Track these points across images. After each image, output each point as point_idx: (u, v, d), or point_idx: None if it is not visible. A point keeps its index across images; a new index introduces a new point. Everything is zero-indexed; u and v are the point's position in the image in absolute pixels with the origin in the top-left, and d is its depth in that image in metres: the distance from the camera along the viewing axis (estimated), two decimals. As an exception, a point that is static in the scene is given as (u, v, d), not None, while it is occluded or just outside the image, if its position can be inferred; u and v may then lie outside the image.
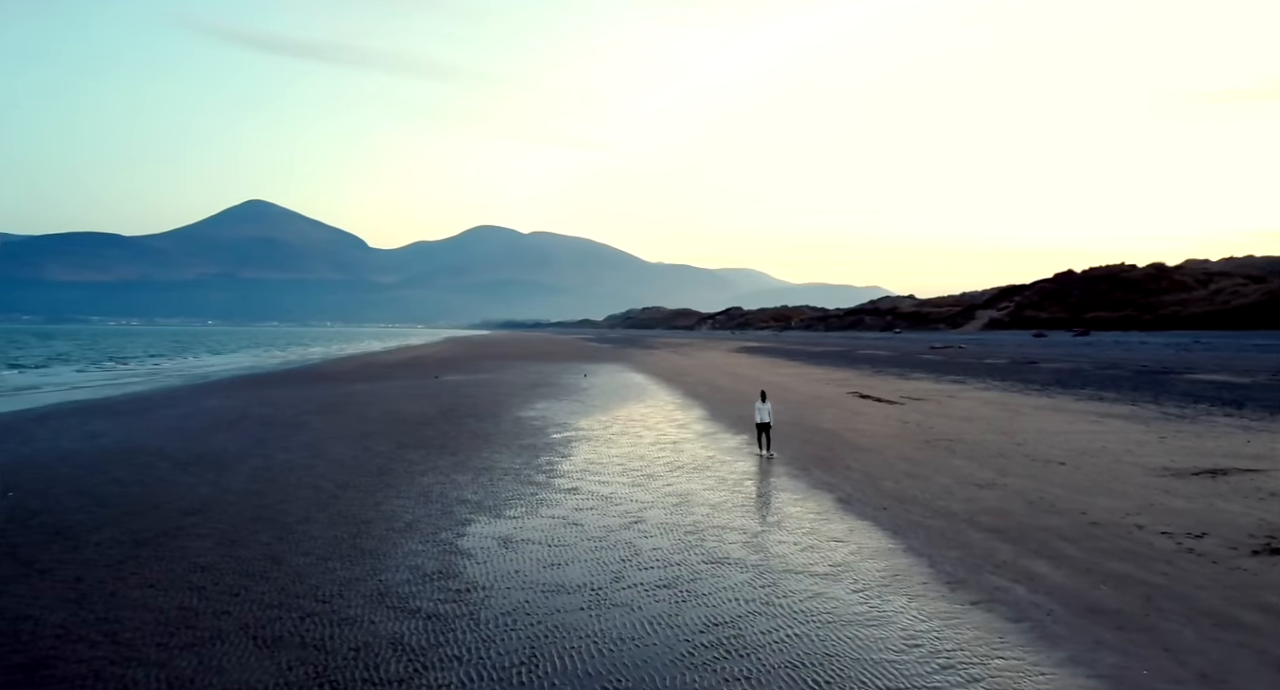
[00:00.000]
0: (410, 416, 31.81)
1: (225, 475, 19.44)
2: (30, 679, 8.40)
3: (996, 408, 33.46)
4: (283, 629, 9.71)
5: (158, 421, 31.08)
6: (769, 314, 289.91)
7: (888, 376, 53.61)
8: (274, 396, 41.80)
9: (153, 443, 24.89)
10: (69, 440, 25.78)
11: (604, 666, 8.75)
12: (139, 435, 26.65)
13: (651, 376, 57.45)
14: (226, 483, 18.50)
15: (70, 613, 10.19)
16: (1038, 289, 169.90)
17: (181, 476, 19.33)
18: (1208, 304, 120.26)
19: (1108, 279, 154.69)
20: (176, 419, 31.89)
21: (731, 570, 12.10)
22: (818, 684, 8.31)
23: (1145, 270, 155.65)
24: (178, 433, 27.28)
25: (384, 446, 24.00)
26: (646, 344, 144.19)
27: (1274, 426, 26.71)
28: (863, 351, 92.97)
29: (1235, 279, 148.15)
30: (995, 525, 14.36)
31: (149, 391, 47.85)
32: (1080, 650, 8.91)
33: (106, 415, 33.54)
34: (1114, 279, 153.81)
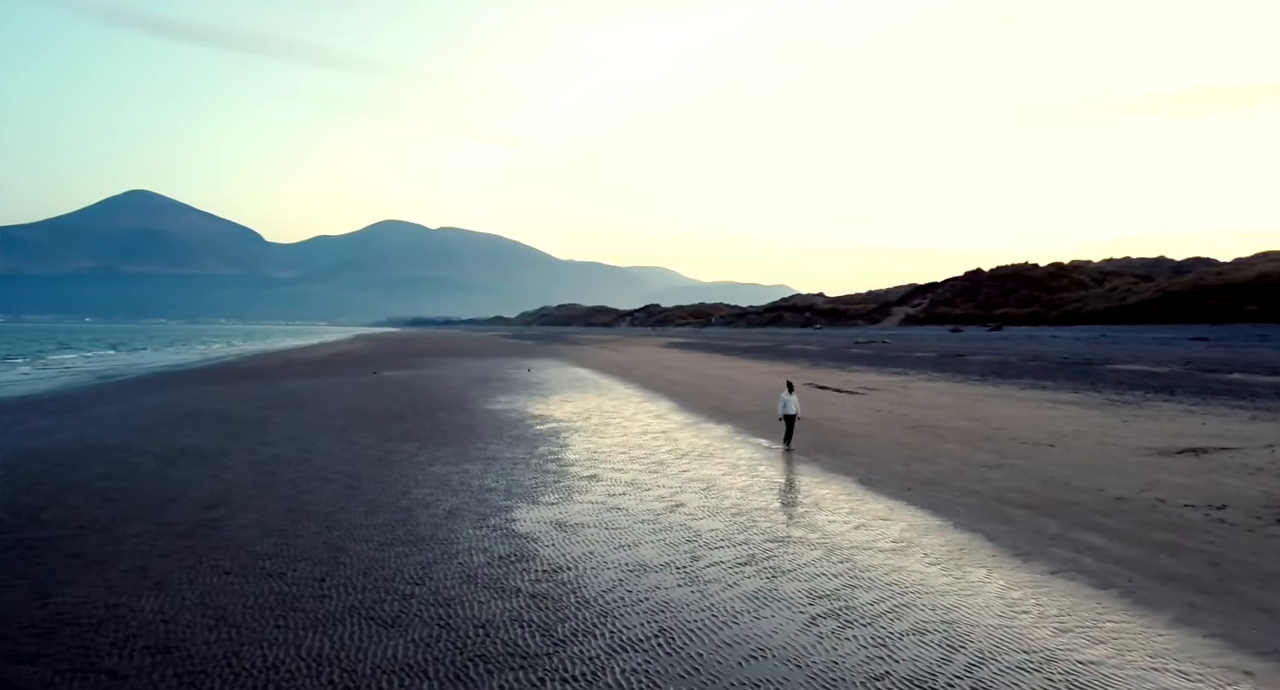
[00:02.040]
0: (375, 411, 30.94)
1: (220, 469, 18.59)
2: (169, 660, 7.99)
3: (953, 396, 34.57)
4: (394, 609, 9.48)
5: (101, 419, 29.41)
6: (687, 311, 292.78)
7: (828, 369, 54.74)
8: (213, 393, 40.04)
9: (113, 439, 23.58)
10: (17, 437, 24.19)
11: (737, 636, 8.79)
12: (92, 432, 25.18)
13: (596, 371, 57.29)
14: (229, 477, 17.70)
15: (162, 600, 9.74)
16: (949, 286, 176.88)
17: (173, 471, 18.39)
18: (1106, 300, 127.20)
19: (1014, 277, 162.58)
20: (120, 416, 30.23)
21: (800, 547, 12.24)
22: (951, 647, 8.50)
23: (1047, 269, 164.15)
24: (132, 430, 25.87)
25: (368, 440, 23.31)
26: (571, 340, 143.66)
27: (1214, 410, 28.37)
28: (791, 346, 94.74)
29: (1126, 278, 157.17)
30: (1025, 502, 14.89)
31: (69, 388, 45.17)
32: (1181, 612, 9.34)
33: (39, 413, 31.53)
34: (1020, 277, 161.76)
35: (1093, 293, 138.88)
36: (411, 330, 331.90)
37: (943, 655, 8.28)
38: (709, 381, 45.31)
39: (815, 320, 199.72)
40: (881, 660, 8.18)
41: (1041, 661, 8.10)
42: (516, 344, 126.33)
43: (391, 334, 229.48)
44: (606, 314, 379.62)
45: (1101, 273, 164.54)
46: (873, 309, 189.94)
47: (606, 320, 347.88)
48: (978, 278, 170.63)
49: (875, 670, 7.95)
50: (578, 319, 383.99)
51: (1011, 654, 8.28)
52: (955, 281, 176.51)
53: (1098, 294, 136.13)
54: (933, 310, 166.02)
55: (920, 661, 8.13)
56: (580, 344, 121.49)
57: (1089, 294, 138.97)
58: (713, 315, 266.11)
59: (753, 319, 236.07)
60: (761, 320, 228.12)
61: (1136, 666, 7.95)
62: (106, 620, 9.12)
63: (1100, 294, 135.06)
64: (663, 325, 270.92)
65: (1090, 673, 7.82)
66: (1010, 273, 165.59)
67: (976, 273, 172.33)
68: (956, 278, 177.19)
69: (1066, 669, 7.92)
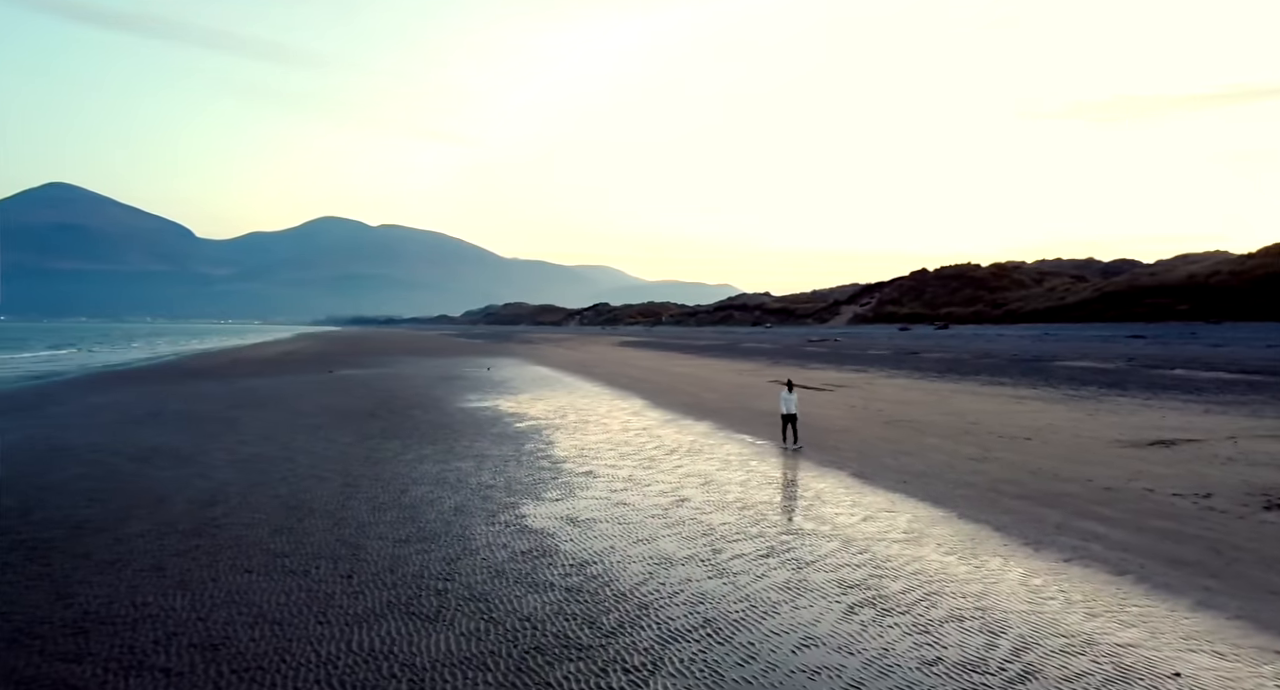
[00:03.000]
0: (345, 410, 30.43)
1: (205, 469, 18.13)
2: (219, 657, 7.81)
3: (920, 392, 35.26)
4: (432, 605, 9.42)
5: (57, 419, 28.43)
6: (637, 310, 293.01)
7: (788, 367, 55.34)
8: (168, 392, 38.94)
9: (77, 439, 22.81)
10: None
11: (781, 625, 8.91)
12: (53, 433, 24.32)
13: (557, 369, 57.09)
14: (217, 476, 17.28)
15: (190, 599, 9.53)
16: (896, 286, 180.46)
17: (154, 471, 17.88)
18: (1047, 300, 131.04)
19: (958, 277, 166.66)
20: (77, 416, 29.25)
21: (816, 539, 12.41)
22: (991, 633, 8.71)
23: (989, 269, 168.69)
24: (95, 429, 25.06)
25: (348, 438, 22.92)
26: (522, 339, 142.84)
27: (1168, 404, 29.41)
28: (746, 345, 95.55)
29: (1063, 278, 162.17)
30: (1020, 493, 15.29)
31: (8, 389, 43.47)
32: (1200, 596, 9.70)
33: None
34: (963, 277, 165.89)
35: (1033, 292, 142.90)
36: (354, 329, 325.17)
37: (986, 641, 8.48)
38: (675, 379, 45.48)
39: (765, 319, 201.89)
40: (929, 646, 8.34)
41: (1082, 645, 8.35)
42: (467, 343, 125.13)
43: (334, 333, 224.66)
44: (555, 313, 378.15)
45: (1040, 273, 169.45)
46: (822, 308, 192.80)
47: (555, 319, 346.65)
48: (923, 277, 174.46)
49: (926, 656, 8.11)
50: (525, 318, 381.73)
51: (1051, 638, 8.52)
52: (902, 281, 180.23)
53: (1038, 293, 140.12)
54: (880, 309, 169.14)
55: (967, 647, 8.31)
56: (533, 343, 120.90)
57: (1029, 293, 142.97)
58: (663, 314, 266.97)
59: (703, 318, 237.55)
60: (712, 319, 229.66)
61: (1172, 648, 8.24)
62: (140, 619, 8.87)
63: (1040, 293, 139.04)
64: (613, 324, 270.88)
65: (1131, 655, 8.09)
66: (954, 273, 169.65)
67: (922, 273, 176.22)
68: (903, 277, 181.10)
69: (1107, 651, 8.18)
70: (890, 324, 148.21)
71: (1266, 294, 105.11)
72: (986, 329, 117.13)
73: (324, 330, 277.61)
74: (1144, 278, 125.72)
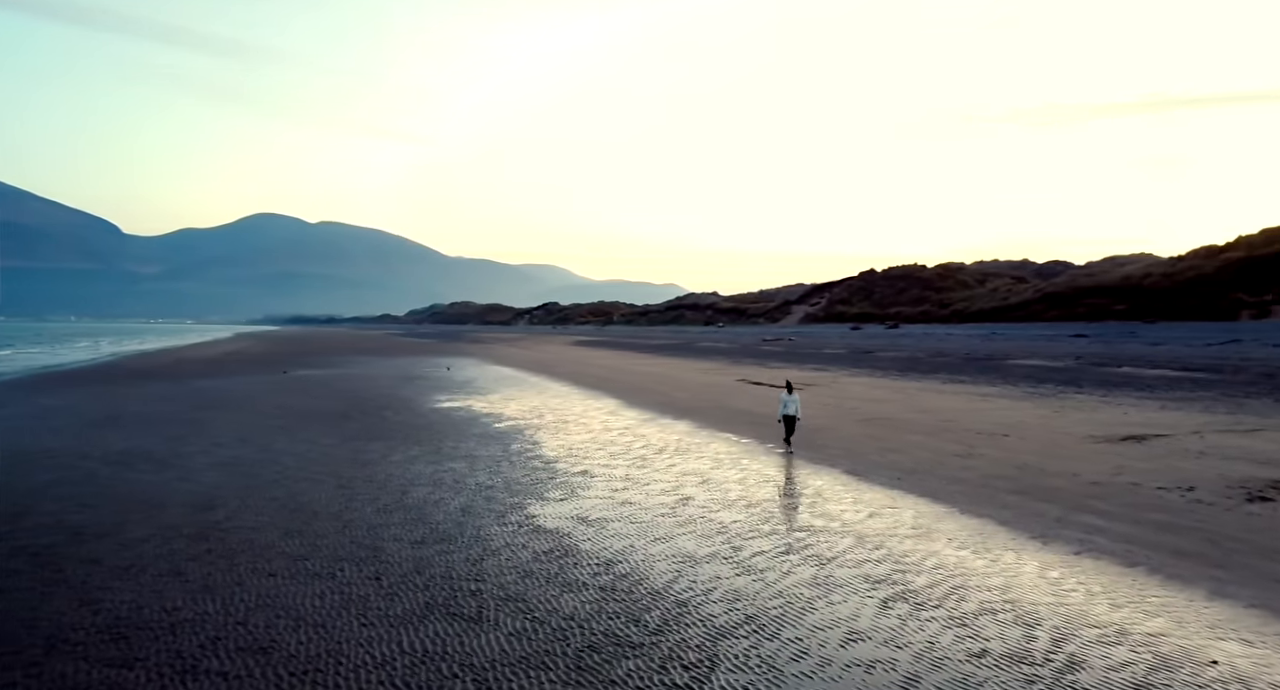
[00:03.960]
0: (314, 411, 29.87)
1: (187, 473, 17.68)
2: (273, 661, 7.69)
3: (886, 390, 35.89)
4: (472, 606, 9.38)
5: (8, 421, 27.43)
6: (587, 309, 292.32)
7: (749, 365, 55.87)
8: (118, 393, 37.77)
9: (36, 443, 22.02)
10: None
11: (824, 620, 9.04)
12: (10, 437, 23.43)
13: (519, 369, 56.78)
14: (203, 479, 16.86)
15: (220, 603, 9.33)
16: (846, 286, 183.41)
17: (134, 475, 17.39)
18: (991, 300, 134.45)
19: (905, 277, 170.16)
20: (29, 420, 28.19)
21: (829, 536, 12.59)
22: (1027, 624, 8.95)
23: (935, 270, 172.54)
24: (52, 433, 24.20)
25: (328, 440, 22.52)
26: (474, 339, 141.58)
27: (1125, 401, 30.42)
28: (702, 344, 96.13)
29: (1005, 279, 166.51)
30: (1013, 489, 15.70)
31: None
32: (1212, 586, 10.09)
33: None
34: (910, 277, 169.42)
35: (977, 293, 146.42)
36: (294, 328, 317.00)
37: (1024, 632, 8.71)
38: (641, 378, 45.57)
39: (718, 319, 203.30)
40: (971, 639, 8.54)
41: (1116, 635, 8.62)
42: (418, 343, 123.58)
43: (275, 333, 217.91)
44: (503, 312, 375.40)
45: (983, 274, 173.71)
46: (773, 307, 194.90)
47: (503, 318, 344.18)
48: (872, 278, 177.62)
49: (971, 648, 8.30)
50: (472, 317, 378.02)
51: (1085, 629, 8.78)
52: (851, 281, 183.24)
53: (982, 294, 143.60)
54: (831, 309, 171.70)
55: (1008, 639, 8.52)
56: (485, 342, 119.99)
57: (974, 294, 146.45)
58: (614, 313, 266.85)
59: (654, 317, 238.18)
60: (663, 318, 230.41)
61: (1201, 636, 8.56)
62: (177, 624, 8.65)
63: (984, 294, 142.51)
64: (563, 323, 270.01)
65: (1166, 643, 8.38)
66: (901, 273, 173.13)
67: (870, 273, 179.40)
68: (852, 278, 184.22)
69: (1141, 640, 8.46)
70: (841, 323, 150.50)
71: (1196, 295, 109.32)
72: (935, 328, 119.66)
73: (263, 330, 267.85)
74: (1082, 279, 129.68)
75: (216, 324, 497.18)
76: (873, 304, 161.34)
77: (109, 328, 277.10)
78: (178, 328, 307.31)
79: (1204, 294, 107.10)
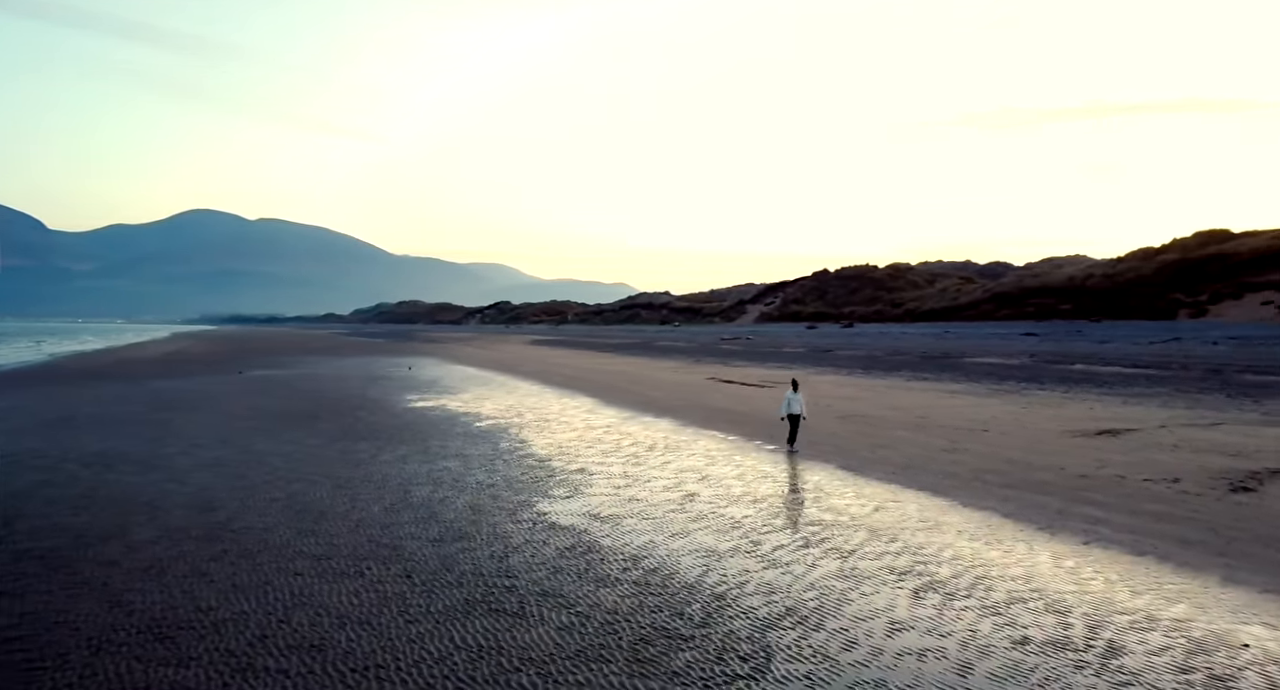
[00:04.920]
0: (285, 412, 29.31)
1: (172, 474, 17.28)
2: (328, 658, 7.63)
3: (855, 388, 36.40)
4: (512, 601, 9.38)
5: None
6: (540, 308, 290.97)
7: (712, 364, 56.20)
8: (68, 395, 36.55)
9: (8, 446, 21.21)
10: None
11: (863, 611, 9.20)
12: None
13: (482, 368, 56.36)
14: (194, 480, 16.49)
15: (256, 603, 9.22)
16: (799, 285, 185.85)
17: (119, 476, 16.92)
18: (941, 300, 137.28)
19: (857, 277, 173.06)
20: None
21: (843, 530, 12.78)
22: (1058, 612, 9.21)
23: (886, 270, 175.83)
24: (18, 434, 23.42)
25: (311, 440, 22.14)
26: (427, 338, 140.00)
27: (1088, 397, 31.32)
28: (661, 343, 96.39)
29: (954, 279, 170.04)
30: (1006, 482, 16.09)
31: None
32: (1223, 572, 10.48)
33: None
34: (863, 277, 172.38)
35: (928, 292, 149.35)
36: (234, 328, 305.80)
37: (1058, 620, 8.95)
38: (610, 377, 45.55)
39: (673, 318, 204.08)
40: (1009, 627, 8.75)
41: (1146, 621, 8.91)
42: (369, 342, 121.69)
43: (214, 332, 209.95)
44: (453, 311, 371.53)
45: (932, 274, 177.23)
46: (728, 307, 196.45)
47: (454, 317, 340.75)
48: (825, 278, 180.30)
49: (1013, 636, 8.51)
50: (421, 316, 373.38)
51: (1116, 616, 9.06)
52: (805, 281, 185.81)
53: (933, 293, 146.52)
54: (785, 308, 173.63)
55: (1044, 627, 8.75)
56: (440, 342, 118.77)
57: (924, 293, 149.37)
58: (567, 313, 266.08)
59: (609, 316, 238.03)
60: (618, 317, 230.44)
61: (1226, 621, 8.89)
62: (219, 623, 8.49)
63: (935, 293, 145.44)
64: (516, 322, 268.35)
65: (1195, 628, 8.68)
66: (854, 273, 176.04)
67: (824, 273, 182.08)
68: (806, 278, 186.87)
69: (1171, 626, 8.76)
70: (796, 323, 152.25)
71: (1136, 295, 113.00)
72: (889, 327, 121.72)
73: (201, 330, 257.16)
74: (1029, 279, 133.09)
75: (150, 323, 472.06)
76: (826, 303, 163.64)
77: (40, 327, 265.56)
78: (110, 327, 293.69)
79: (1144, 294, 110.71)
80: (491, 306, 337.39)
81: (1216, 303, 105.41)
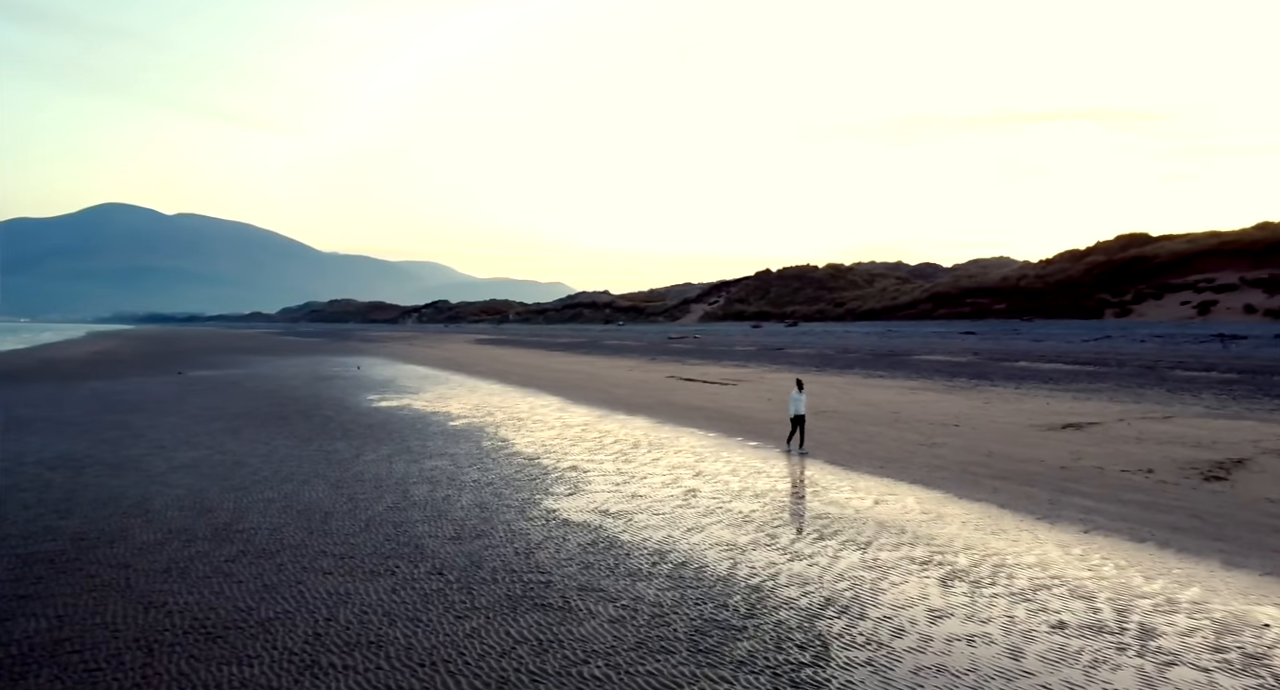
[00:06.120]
0: (246, 413, 28.58)
1: (152, 476, 16.82)
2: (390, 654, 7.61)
3: (818, 385, 36.91)
4: (554, 596, 9.40)
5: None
6: (479, 307, 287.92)
7: (668, 363, 56.43)
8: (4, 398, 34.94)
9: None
10: None
11: (899, 599, 9.44)
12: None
13: (435, 368, 55.61)
14: (176, 482, 16.02)
15: (295, 602, 9.09)
16: (743, 285, 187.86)
17: (96, 479, 16.36)
18: (881, 299, 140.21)
19: (799, 277, 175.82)
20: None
21: (851, 523, 13.03)
22: (1083, 597, 9.56)
23: (826, 270, 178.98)
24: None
25: (283, 441, 21.63)
26: (365, 338, 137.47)
27: (1039, 392, 32.35)
28: (609, 342, 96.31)
29: (891, 279, 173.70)
30: (992, 474, 16.58)
31: None
32: (1222, 557, 10.99)
33: None
34: (804, 277, 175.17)
35: (868, 292, 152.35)
36: (154, 328, 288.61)
37: (1086, 604, 9.29)
38: (570, 376, 45.41)
39: (617, 317, 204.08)
40: (1043, 612, 9.05)
41: (1167, 603, 9.31)
42: (304, 342, 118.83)
43: (133, 332, 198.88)
44: (389, 310, 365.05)
45: (870, 274, 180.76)
46: (672, 306, 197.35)
47: (390, 316, 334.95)
48: (768, 277, 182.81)
49: (1048, 620, 8.81)
50: (355, 315, 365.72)
51: (1138, 599, 9.44)
52: (748, 280, 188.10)
53: (873, 293, 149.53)
54: (730, 307, 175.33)
55: (1075, 611, 9.08)
56: (381, 341, 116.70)
57: (864, 293, 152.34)
58: (509, 312, 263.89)
59: (552, 316, 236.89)
60: (561, 316, 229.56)
61: (1239, 603, 9.33)
62: (266, 622, 8.33)
63: (875, 293, 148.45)
64: (455, 321, 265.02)
65: (1215, 609, 9.10)
66: (796, 273, 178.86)
67: (766, 273, 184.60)
68: (749, 277, 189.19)
69: (1191, 608, 9.17)
70: (740, 321, 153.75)
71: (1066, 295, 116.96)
72: (832, 326, 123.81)
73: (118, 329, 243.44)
74: (965, 280, 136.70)
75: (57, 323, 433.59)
76: (769, 302, 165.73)
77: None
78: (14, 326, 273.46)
79: (1073, 294, 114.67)
80: (429, 305, 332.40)
81: (1139, 302, 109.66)
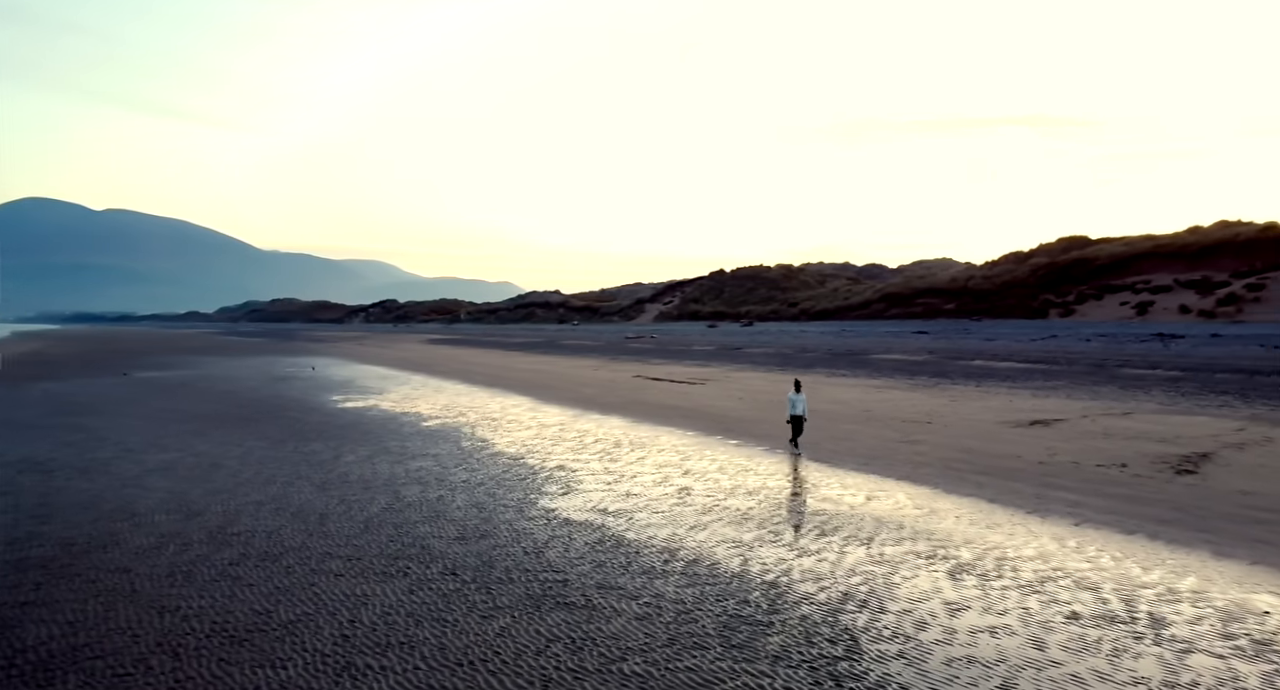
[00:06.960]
0: (209, 414, 27.92)
1: (126, 479, 16.40)
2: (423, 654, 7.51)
3: (784, 384, 37.24)
4: (575, 595, 9.37)
5: None
6: (429, 306, 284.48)
7: (630, 362, 56.44)
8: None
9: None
10: None
11: (915, 593, 9.60)
12: None
13: (393, 368, 54.87)
14: (154, 485, 15.64)
15: (314, 604, 8.95)
16: (698, 285, 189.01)
17: (64, 483, 15.93)
18: (833, 299, 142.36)
19: (753, 277, 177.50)
20: None
21: (850, 519, 13.21)
22: (1090, 588, 9.82)
23: (779, 270, 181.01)
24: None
25: (256, 443, 21.19)
26: (313, 337, 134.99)
27: (998, 390, 33.04)
28: (567, 342, 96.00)
29: (843, 279, 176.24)
30: (974, 470, 16.93)
31: None
32: (1211, 548, 11.37)
33: None
34: (758, 278, 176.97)
35: (820, 292, 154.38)
36: (84, 328, 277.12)
37: (1093, 595, 9.55)
38: (535, 376, 45.18)
39: (571, 316, 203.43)
40: (1054, 604, 9.28)
41: (1168, 593, 9.61)
42: (249, 342, 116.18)
43: (64, 332, 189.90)
44: (334, 309, 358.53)
45: (823, 275, 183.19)
46: (627, 306, 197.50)
47: (336, 316, 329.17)
48: (722, 278, 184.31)
49: (1062, 612, 9.03)
50: (298, 314, 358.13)
51: (1142, 590, 9.72)
52: (703, 280, 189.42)
53: (825, 293, 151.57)
54: (685, 307, 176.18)
55: (1084, 603, 9.32)
56: (331, 341, 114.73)
57: (817, 293, 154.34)
58: (460, 311, 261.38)
59: (504, 315, 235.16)
60: (514, 316, 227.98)
61: (1236, 591, 9.67)
62: (288, 624, 8.16)
63: (827, 293, 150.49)
64: (405, 321, 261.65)
65: (1216, 598, 9.42)
66: (749, 273, 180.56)
67: (721, 273, 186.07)
68: (704, 277, 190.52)
69: (1193, 597, 9.47)
70: (695, 321, 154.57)
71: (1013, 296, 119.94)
72: (787, 326, 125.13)
73: (45, 329, 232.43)
74: (915, 280, 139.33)
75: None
76: (724, 302, 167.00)
77: None
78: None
79: (1019, 295, 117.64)
80: (376, 305, 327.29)
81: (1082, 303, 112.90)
